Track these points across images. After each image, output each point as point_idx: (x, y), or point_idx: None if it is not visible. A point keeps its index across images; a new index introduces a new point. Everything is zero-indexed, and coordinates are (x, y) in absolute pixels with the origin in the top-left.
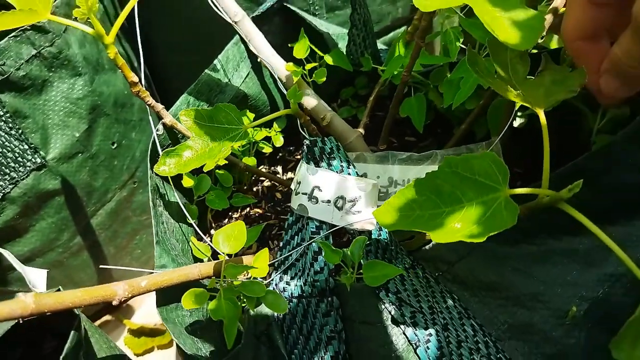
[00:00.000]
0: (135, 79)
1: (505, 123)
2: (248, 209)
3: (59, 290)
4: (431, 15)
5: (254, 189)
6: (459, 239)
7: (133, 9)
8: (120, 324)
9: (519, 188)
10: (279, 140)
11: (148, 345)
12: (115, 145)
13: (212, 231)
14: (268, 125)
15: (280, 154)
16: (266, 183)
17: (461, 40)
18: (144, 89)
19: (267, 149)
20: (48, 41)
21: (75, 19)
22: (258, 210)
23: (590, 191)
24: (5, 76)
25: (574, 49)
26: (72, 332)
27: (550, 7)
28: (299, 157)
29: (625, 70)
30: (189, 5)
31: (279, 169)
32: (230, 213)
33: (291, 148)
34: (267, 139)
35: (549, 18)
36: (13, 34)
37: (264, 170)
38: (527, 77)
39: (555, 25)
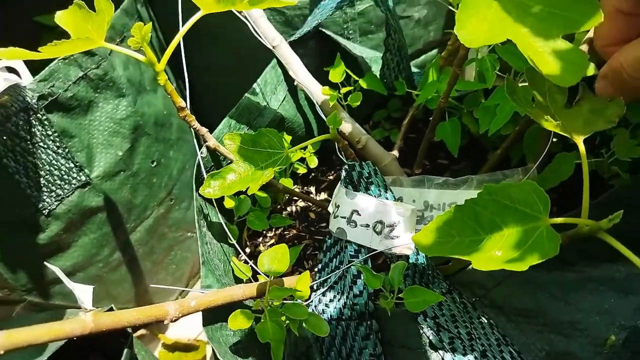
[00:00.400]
0: (183, 104)
1: (543, 150)
2: (282, 228)
3: (111, 309)
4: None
5: (288, 208)
6: (501, 267)
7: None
8: (155, 338)
9: (558, 217)
10: (313, 162)
11: None
12: (155, 163)
13: (247, 249)
14: (303, 146)
15: (313, 174)
16: (300, 203)
17: (497, 67)
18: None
19: (302, 170)
20: (94, 63)
21: (129, 47)
22: (292, 230)
23: (627, 220)
24: (54, 97)
25: (604, 52)
26: (125, 350)
27: (586, 37)
28: (331, 177)
29: (623, 79)
30: (227, 29)
31: (312, 189)
32: (264, 232)
33: (324, 168)
34: (302, 160)
35: (584, 48)
36: (62, 56)
37: (297, 190)
38: (565, 105)
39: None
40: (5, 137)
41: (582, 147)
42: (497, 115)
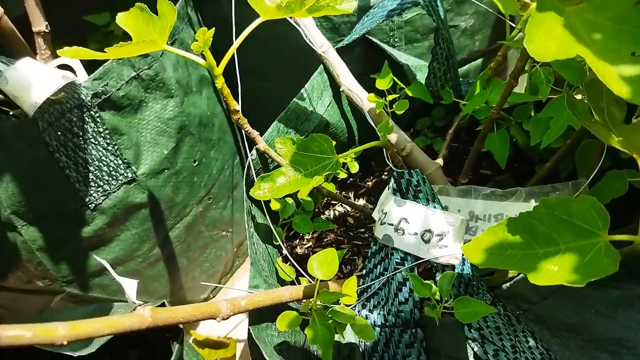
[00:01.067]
0: (238, 107)
1: (596, 165)
2: (320, 232)
3: (163, 304)
4: (526, 57)
5: (327, 212)
6: (558, 283)
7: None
8: (187, 333)
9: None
10: (354, 167)
11: (212, 357)
12: (197, 163)
13: (285, 250)
14: (345, 151)
15: (351, 180)
16: (339, 208)
17: (552, 81)
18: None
19: (342, 175)
20: (147, 64)
21: (179, 48)
22: (330, 234)
23: None
24: (107, 95)
25: None
26: (177, 346)
27: None
28: (370, 183)
29: None
30: (273, 34)
31: (351, 194)
32: (302, 234)
33: (362, 174)
34: (342, 165)
35: None
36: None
37: (336, 193)
38: (623, 121)
39: None
40: (59, 133)
41: None
42: (551, 129)
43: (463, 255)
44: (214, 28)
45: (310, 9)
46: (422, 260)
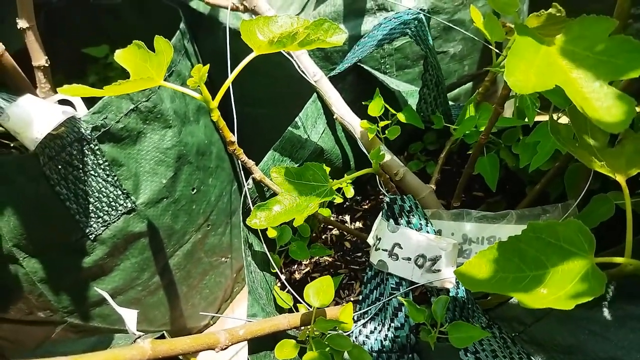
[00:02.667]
0: (233, 138)
1: (583, 187)
2: (317, 257)
3: (162, 336)
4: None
5: (323, 237)
6: (547, 305)
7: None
8: None
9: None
10: (350, 192)
11: None
12: (195, 190)
13: (282, 276)
14: (340, 177)
15: (348, 203)
16: (335, 232)
17: (538, 105)
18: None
19: (338, 199)
20: (145, 96)
21: (176, 81)
22: (327, 258)
23: None
24: (107, 128)
25: None
26: None
27: None
28: (365, 206)
29: None
30: (267, 63)
31: (347, 218)
32: (300, 260)
33: (358, 198)
34: (338, 190)
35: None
36: None
37: (332, 218)
38: (607, 145)
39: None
40: (60, 166)
41: (625, 187)
42: (538, 153)
43: (456, 279)
44: (209, 65)
45: (302, 42)
46: (417, 285)
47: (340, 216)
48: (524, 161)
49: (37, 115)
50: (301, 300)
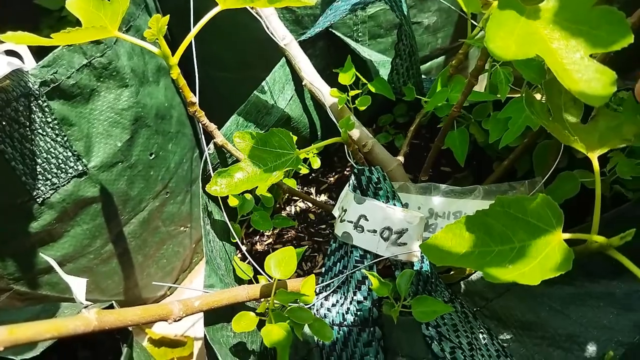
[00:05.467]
0: (194, 99)
1: (552, 164)
2: (280, 228)
3: (111, 306)
4: (487, 56)
5: (288, 208)
6: (512, 280)
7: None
8: (142, 332)
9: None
10: (316, 163)
11: (168, 357)
12: (153, 156)
13: (243, 247)
14: (307, 146)
15: (313, 175)
16: (300, 204)
17: (511, 80)
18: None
19: (304, 170)
20: (99, 52)
21: (135, 36)
22: (291, 230)
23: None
24: (57, 84)
25: None
26: (125, 349)
27: None
28: (332, 179)
29: None
30: (233, 23)
31: (312, 190)
32: (262, 231)
33: (324, 170)
34: (304, 160)
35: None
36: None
37: (297, 189)
38: (581, 121)
39: None
40: (4, 123)
41: (596, 164)
42: (509, 129)
43: (421, 252)
44: (169, 15)
45: None
46: (382, 258)
47: (306, 188)
48: (493, 136)
49: None
50: (262, 272)
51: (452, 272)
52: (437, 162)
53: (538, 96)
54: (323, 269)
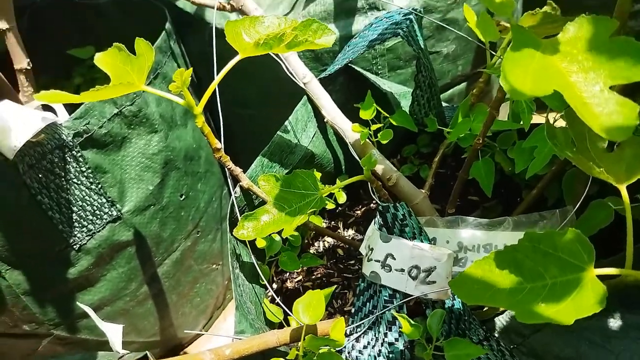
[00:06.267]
0: (219, 145)
1: (582, 192)
2: None
3: (145, 356)
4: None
5: (316, 244)
6: (545, 320)
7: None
8: None
9: (603, 268)
10: (342, 198)
11: None
12: (183, 197)
13: (274, 285)
14: (332, 181)
15: (340, 208)
16: (328, 239)
17: (534, 109)
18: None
19: (330, 205)
20: (129, 100)
21: (162, 83)
22: (320, 266)
23: None
24: (89, 134)
25: None
26: None
27: None
28: (358, 212)
29: None
30: (256, 64)
31: (340, 224)
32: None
33: (351, 203)
34: (330, 195)
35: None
36: None
37: (324, 224)
38: (606, 149)
39: None
40: (40, 175)
41: (625, 195)
42: (535, 158)
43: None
44: (191, 69)
45: (289, 44)
46: (412, 297)
47: (333, 222)
48: (520, 166)
49: (15, 123)
50: (290, 314)
51: (485, 309)
52: (464, 191)
53: (562, 123)
54: (353, 309)
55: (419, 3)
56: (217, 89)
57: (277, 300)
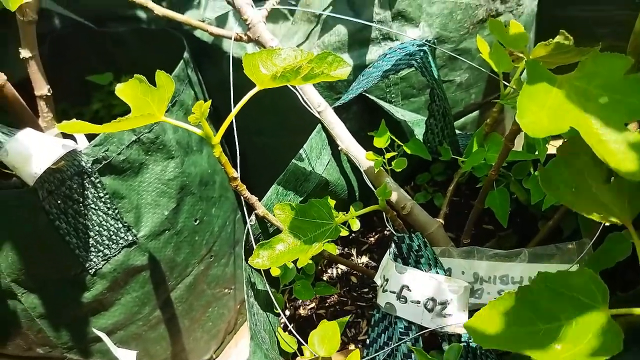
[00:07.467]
0: (236, 174)
1: (599, 224)
2: None
3: None
4: None
5: (329, 271)
6: None
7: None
8: None
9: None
10: (355, 225)
11: None
12: (198, 221)
13: (287, 312)
14: (345, 208)
15: (353, 235)
16: (341, 266)
17: (549, 140)
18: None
19: (344, 232)
20: (147, 128)
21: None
22: (333, 294)
23: None
24: (108, 161)
25: None
26: None
27: None
28: (372, 239)
29: None
30: (273, 93)
31: (353, 251)
32: None
33: (363, 229)
34: (343, 222)
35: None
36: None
37: (338, 251)
38: (606, 180)
39: None
40: (59, 201)
41: (632, 231)
42: None
43: None
44: (210, 101)
45: (306, 77)
46: (428, 330)
47: (346, 249)
48: (535, 197)
49: (36, 150)
50: (304, 343)
51: None
52: (479, 220)
53: None
54: (367, 339)
55: (432, 34)
56: (233, 119)
57: (292, 329)
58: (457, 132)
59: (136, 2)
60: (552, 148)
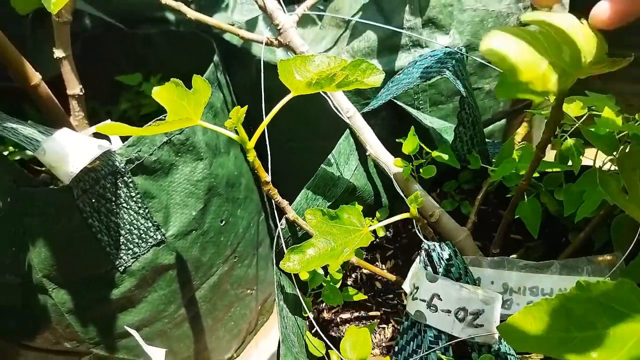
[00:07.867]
0: (268, 178)
1: (632, 238)
2: None
3: None
4: (553, 129)
5: (353, 275)
6: None
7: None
8: None
9: None
10: (382, 232)
11: None
12: (224, 222)
13: (310, 315)
14: (371, 213)
15: (377, 240)
16: (365, 270)
17: (583, 152)
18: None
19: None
20: (178, 129)
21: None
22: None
23: None
24: (140, 161)
25: None
26: None
27: None
28: (397, 245)
29: None
30: (304, 99)
31: (377, 256)
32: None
33: (388, 234)
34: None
35: None
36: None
37: (363, 255)
38: None
39: None
40: (93, 200)
41: None
42: (585, 202)
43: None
44: (247, 106)
45: (340, 84)
46: (458, 339)
47: (370, 254)
48: (568, 210)
49: (72, 150)
50: (332, 348)
51: (532, 354)
52: (507, 229)
53: (610, 165)
54: (396, 347)
55: (462, 41)
56: (265, 127)
57: (320, 334)
58: (487, 141)
59: (170, 6)
60: (585, 160)
